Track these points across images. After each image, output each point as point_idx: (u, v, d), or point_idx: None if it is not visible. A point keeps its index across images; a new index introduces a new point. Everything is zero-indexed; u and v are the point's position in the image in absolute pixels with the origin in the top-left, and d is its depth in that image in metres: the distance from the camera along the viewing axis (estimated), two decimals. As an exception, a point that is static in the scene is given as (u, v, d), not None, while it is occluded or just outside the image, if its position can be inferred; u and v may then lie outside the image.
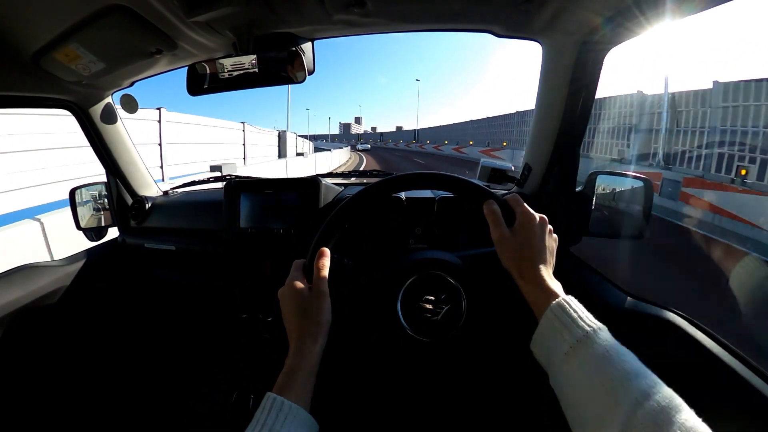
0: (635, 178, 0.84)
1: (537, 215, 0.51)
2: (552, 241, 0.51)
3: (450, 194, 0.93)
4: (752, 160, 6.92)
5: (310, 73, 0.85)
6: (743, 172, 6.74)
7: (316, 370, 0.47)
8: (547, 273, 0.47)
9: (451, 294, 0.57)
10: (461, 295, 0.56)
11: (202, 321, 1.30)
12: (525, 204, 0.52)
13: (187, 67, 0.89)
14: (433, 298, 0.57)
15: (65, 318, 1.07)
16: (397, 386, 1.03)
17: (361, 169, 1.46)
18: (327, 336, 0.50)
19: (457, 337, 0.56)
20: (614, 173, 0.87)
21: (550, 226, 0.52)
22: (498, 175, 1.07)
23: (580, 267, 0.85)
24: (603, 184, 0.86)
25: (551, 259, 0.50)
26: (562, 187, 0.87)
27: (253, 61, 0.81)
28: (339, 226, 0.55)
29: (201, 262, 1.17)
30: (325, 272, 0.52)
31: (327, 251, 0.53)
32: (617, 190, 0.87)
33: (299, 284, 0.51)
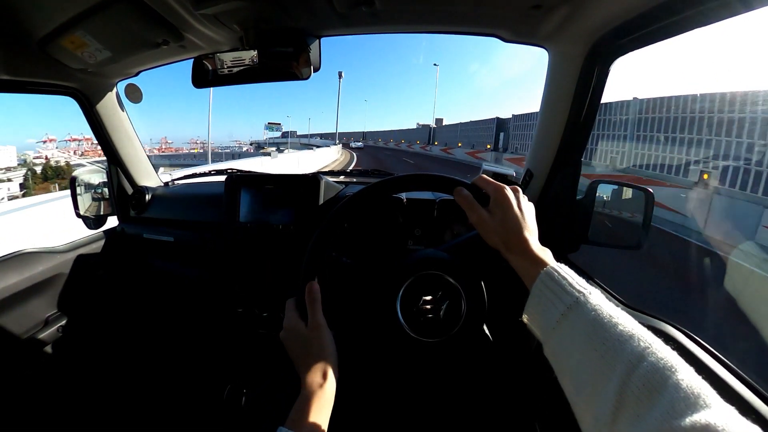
0: (636, 188, 0.83)
1: (508, 187, 0.51)
2: (530, 209, 0.51)
3: (450, 196, 0.94)
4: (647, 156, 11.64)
5: (316, 70, 0.85)
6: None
7: (330, 405, 0.47)
8: (533, 241, 0.47)
9: (448, 290, 0.57)
10: (459, 291, 0.56)
11: (198, 314, 1.30)
12: (494, 180, 0.52)
13: (192, 59, 0.89)
14: (430, 297, 0.57)
15: (61, 305, 1.07)
16: (401, 390, 1.02)
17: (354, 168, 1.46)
18: (337, 367, 0.50)
19: (459, 333, 0.56)
20: (615, 182, 0.87)
21: (524, 196, 0.52)
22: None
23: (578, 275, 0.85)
24: (603, 193, 0.86)
25: (534, 227, 0.49)
26: (563, 194, 0.87)
27: (259, 56, 0.81)
28: (319, 255, 0.57)
29: (199, 254, 1.17)
30: (318, 305, 0.52)
31: (316, 284, 0.53)
32: (617, 199, 0.87)
33: (296, 324, 0.52)
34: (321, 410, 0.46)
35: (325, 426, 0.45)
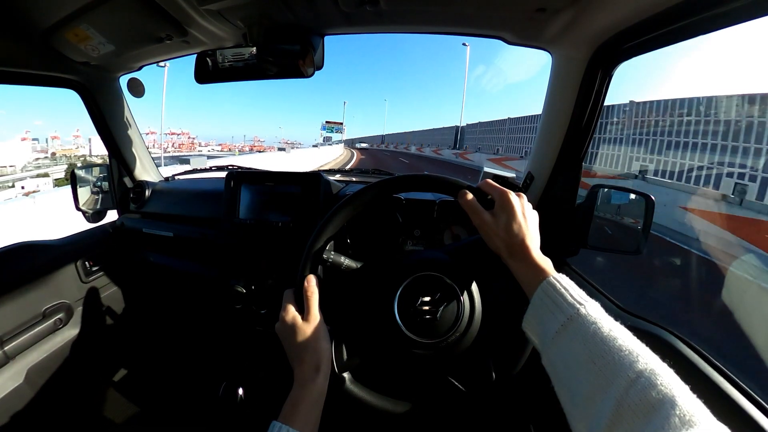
0: (636, 193, 0.83)
1: (513, 193, 0.51)
2: (533, 216, 0.51)
3: (450, 197, 0.94)
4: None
5: (319, 68, 0.85)
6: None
7: (323, 399, 0.47)
8: (535, 248, 0.47)
9: (447, 292, 0.57)
10: (457, 293, 0.56)
11: (196, 309, 1.30)
12: (498, 185, 0.52)
13: (196, 55, 0.89)
14: (429, 298, 0.57)
15: (60, 297, 1.07)
16: (396, 389, 1.02)
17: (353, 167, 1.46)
18: (330, 363, 0.50)
19: (457, 337, 0.56)
20: (616, 188, 0.87)
21: (528, 203, 0.52)
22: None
23: (576, 279, 0.85)
24: (604, 198, 0.86)
25: (536, 234, 0.49)
26: (564, 198, 0.87)
27: (263, 53, 0.81)
28: (319, 251, 0.57)
29: (198, 250, 1.17)
30: (315, 299, 0.52)
31: (314, 278, 0.53)
32: (618, 204, 0.87)
33: (292, 316, 0.52)
34: (314, 404, 0.46)
35: (317, 420, 0.46)
